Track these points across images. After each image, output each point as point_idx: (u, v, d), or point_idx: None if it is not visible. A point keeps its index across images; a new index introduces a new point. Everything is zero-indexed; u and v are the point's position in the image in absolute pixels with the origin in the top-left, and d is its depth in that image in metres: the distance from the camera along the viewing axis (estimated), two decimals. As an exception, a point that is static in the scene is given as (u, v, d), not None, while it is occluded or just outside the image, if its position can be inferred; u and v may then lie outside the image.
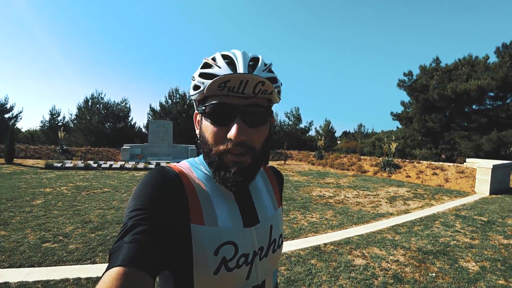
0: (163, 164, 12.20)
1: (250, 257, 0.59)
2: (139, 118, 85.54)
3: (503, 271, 3.13)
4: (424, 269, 3.10)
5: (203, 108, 0.56)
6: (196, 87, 0.57)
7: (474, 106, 21.15)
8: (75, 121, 21.44)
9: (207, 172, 0.62)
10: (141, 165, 11.62)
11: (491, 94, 20.14)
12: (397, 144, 15.68)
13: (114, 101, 21.76)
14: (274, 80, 0.59)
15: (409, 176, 10.93)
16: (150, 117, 22.48)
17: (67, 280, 2.63)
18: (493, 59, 21.23)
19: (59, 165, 10.54)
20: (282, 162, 16.68)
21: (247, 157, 0.55)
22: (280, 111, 31.27)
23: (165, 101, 22.63)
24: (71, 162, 11.22)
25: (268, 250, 0.64)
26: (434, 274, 2.98)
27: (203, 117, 0.58)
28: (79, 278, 2.67)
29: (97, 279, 2.68)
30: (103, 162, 11.94)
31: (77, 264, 2.96)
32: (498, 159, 12.87)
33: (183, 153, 16.08)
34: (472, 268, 3.18)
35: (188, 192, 0.56)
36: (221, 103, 0.54)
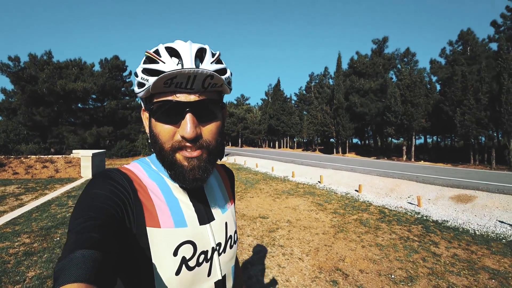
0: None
1: (209, 254, 0.59)
2: None
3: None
4: (50, 238, 3.94)
5: (151, 106, 0.53)
6: (140, 85, 0.53)
7: (79, 105, 24.07)
8: None
9: (159, 172, 0.60)
10: None
11: (94, 96, 24.30)
12: (-2, 136, 13.64)
13: None
14: (223, 71, 0.55)
15: (17, 173, 10.38)
16: None
17: None
18: (97, 68, 25.72)
19: None
20: None
21: (202, 153, 0.54)
22: None
23: None
24: None
25: (226, 246, 0.65)
26: (58, 238, 3.94)
27: (151, 116, 0.55)
28: None
29: None
30: None
31: None
32: (99, 149, 16.23)
33: None
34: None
35: (140, 194, 0.54)
36: (169, 100, 0.51)
